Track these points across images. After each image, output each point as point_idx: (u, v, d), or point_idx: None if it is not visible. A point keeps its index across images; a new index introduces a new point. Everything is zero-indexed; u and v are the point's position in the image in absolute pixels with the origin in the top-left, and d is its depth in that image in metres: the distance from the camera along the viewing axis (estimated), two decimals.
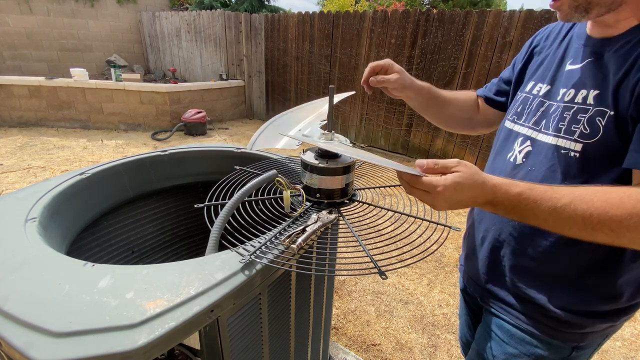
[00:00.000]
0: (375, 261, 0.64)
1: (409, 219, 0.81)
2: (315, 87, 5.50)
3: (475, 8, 5.15)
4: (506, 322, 0.77)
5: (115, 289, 0.57)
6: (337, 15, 4.88)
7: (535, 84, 0.76)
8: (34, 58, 6.63)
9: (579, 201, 0.53)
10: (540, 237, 0.70)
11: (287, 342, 0.97)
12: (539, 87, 0.75)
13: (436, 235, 0.72)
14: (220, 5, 8.20)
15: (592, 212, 0.52)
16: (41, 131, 5.00)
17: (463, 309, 1.03)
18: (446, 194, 0.56)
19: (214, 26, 6.27)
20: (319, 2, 18.00)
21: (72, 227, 0.96)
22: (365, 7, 11.26)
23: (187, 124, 5.25)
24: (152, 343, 0.49)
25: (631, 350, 1.85)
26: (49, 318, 0.51)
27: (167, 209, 1.35)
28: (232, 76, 6.50)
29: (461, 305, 1.05)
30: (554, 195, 0.55)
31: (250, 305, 0.72)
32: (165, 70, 7.79)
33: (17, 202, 0.86)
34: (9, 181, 3.40)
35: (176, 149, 1.29)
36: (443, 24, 4.01)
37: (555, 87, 0.70)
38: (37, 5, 6.39)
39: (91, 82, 5.05)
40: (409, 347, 1.79)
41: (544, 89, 0.73)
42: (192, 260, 0.66)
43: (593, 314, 0.69)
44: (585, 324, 0.69)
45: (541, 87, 0.74)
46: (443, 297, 2.17)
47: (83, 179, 1.02)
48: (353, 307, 2.07)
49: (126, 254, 1.23)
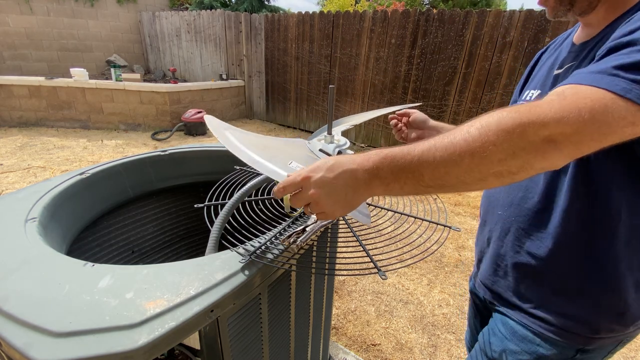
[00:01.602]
0: (375, 261, 0.64)
1: (409, 219, 0.81)
2: (315, 87, 5.50)
3: (475, 8, 5.15)
4: (510, 319, 0.77)
5: (115, 289, 0.57)
6: (337, 15, 4.88)
7: (529, 91, 0.78)
8: (34, 58, 6.63)
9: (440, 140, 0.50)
10: (538, 235, 0.69)
11: (287, 342, 0.97)
12: (531, 93, 0.76)
13: (436, 235, 0.72)
14: (220, 5, 8.20)
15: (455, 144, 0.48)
16: (41, 131, 5.00)
17: (472, 314, 1.03)
18: (317, 176, 0.53)
19: (214, 26, 6.27)
20: (319, 2, 18.01)
21: (72, 227, 0.96)
22: (365, 7, 11.26)
23: (187, 124, 5.25)
24: (152, 343, 0.49)
25: (631, 350, 1.85)
26: (49, 318, 0.51)
27: (167, 209, 1.35)
28: (232, 76, 6.50)
29: (470, 310, 1.04)
30: (417, 144, 0.52)
31: (250, 305, 0.72)
32: (165, 70, 7.79)
33: (17, 202, 0.86)
34: (9, 181, 3.40)
35: (176, 149, 1.29)
36: (443, 24, 4.01)
37: (543, 92, 0.72)
38: (37, 5, 6.39)
39: (91, 82, 5.05)
40: (409, 347, 1.79)
41: (535, 94, 0.75)
42: (192, 260, 0.66)
43: (596, 319, 0.67)
44: (588, 329, 0.68)
45: (533, 93, 0.76)
46: (443, 297, 2.17)
47: (83, 179, 1.02)
48: (353, 307, 2.07)
49: (126, 254, 1.23)
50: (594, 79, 0.46)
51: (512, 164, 0.46)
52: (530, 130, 0.44)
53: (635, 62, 0.45)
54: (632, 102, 0.43)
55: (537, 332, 0.72)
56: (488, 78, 3.84)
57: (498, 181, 0.49)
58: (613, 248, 0.62)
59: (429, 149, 0.50)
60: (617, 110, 0.43)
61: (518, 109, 0.46)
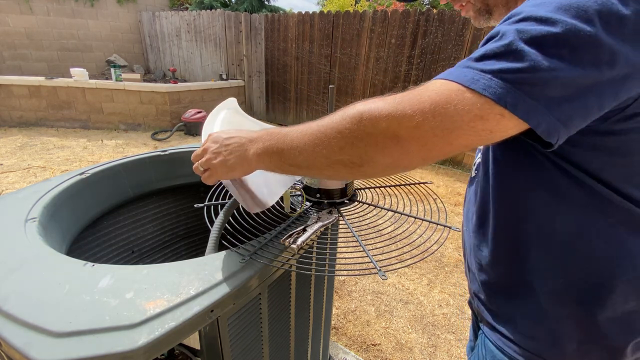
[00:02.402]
0: (375, 261, 0.64)
1: (409, 219, 0.81)
2: (315, 87, 5.50)
3: None
4: (490, 341, 0.67)
5: (115, 289, 0.57)
6: (337, 15, 4.88)
7: None
8: (34, 58, 6.63)
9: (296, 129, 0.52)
10: (484, 246, 0.64)
11: (287, 342, 0.97)
12: None
13: (436, 235, 0.72)
14: (220, 5, 8.19)
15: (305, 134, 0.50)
16: (41, 131, 5.00)
17: (471, 324, 1.00)
18: (215, 134, 0.62)
19: (214, 26, 6.27)
20: (319, 2, 18.01)
21: (72, 227, 0.96)
22: (365, 7, 11.25)
23: (187, 124, 5.25)
24: (152, 343, 0.49)
25: None
26: (49, 318, 0.51)
27: (167, 209, 1.35)
28: (232, 76, 6.50)
29: (472, 319, 1.01)
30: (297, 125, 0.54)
31: (250, 305, 0.72)
32: (165, 70, 7.79)
33: (17, 202, 0.86)
34: (9, 181, 3.40)
35: (176, 149, 1.29)
36: (443, 24, 4.01)
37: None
38: (37, 5, 6.39)
39: (91, 82, 5.05)
40: (409, 347, 1.79)
41: None
42: (192, 260, 0.66)
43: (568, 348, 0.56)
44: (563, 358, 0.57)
45: None
46: (443, 297, 2.17)
47: (83, 179, 1.02)
48: (353, 307, 2.07)
49: (126, 254, 1.23)
50: (449, 72, 0.43)
51: (352, 153, 0.45)
52: (366, 119, 0.43)
53: (486, 51, 0.41)
54: (478, 93, 0.39)
55: (512, 357, 0.61)
56: None
57: (347, 171, 0.48)
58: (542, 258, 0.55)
59: (291, 129, 0.52)
60: (460, 102, 0.39)
61: (375, 99, 0.45)
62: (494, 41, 0.41)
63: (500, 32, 0.41)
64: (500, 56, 0.39)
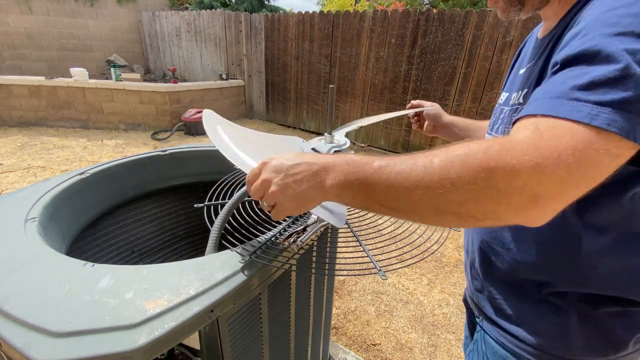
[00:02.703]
0: (375, 261, 0.64)
1: None
2: (315, 87, 5.49)
3: (476, 8, 5.15)
4: (491, 337, 0.70)
5: (115, 289, 0.57)
6: (337, 15, 4.88)
7: (502, 94, 0.76)
8: (34, 58, 6.63)
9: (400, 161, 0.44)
10: (499, 242, 0.64)
11: (287, 342, 0.97)
12: (503, 95, 0.75)
13: (436, 235, 0.72)
14: (220, 5, 8.19)
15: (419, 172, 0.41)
16: (41, 131, 5.00)
17: (466, 320, 1.01)
18: (274, 162, 0.51)
19: (214, 26, 6.27)
20: (319, 2, 18.01)
21: (72, 227, 0.96)
22: (365, 6, 11.25)
23: (187, 124, 5.25)
24: (152, 343, 0.49)
25: None
26: (48, 318, 0.51)
27: (167, 209, 1.35)
28: (232, 76, 6.50)
29: (466, 316, 1.03)
30: (385, 158, 0.46)
31: (250, 305, 0.72)
32: (165, 70, 7.79)
33: (17, 202, 0.86)
34: (9, 181, 3.40)
35: (176, 149, 1.29)
36: (443, 23, 4.01)
37: (511, 93, 0.70)
38: (37, 5, 6.39)
39: (91, 82, 5.05)
40: (409, 347, 1.80)
41: (504, 96, 0.73)
42: (192, 260, 0.66)
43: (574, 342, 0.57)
44: (567, 352, 0.58)
45: (505, 95, 0.74)
46: (443, 297, 2.17)
47: (83, 179, 1.02)
48: (353, 306, 2.07)
49: (126, 254, 1.23)
50: (550, 107, 0.39)
51: (474, 209, 0.40)
52: (500, 177, 0.37)
53: (594, 78, 0.37)
54: (605, 130, 0.35)
55: (516, 353, 0.63)
56: (488, 78, 3.84)
57: (460, 222, 0.42)
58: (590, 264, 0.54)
59: (387, 165, 0.45)
60: (596, 143, 0.35)
61: (489, 146, 0.39)
62: (599, 64, 0.37)
63: (602, 52, 0.37)
64: (615, 83, 0.36)
